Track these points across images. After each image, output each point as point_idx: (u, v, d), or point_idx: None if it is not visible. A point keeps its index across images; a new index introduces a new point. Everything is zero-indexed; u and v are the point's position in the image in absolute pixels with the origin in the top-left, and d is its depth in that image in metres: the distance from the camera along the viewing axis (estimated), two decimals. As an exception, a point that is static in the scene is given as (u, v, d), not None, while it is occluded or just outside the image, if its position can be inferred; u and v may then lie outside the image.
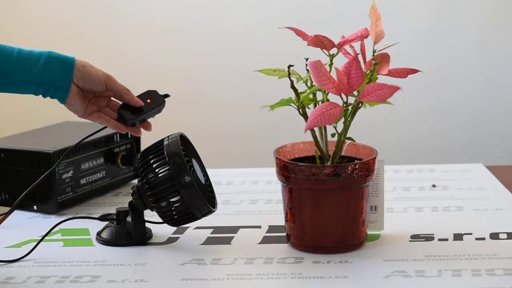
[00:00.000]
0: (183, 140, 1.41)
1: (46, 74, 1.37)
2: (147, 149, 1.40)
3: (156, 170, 1.36)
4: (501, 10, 2.96)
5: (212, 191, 1.44)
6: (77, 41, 2.96)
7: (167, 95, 1.48)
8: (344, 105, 1.31)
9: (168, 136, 1.39)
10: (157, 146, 1.38)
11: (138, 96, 1.46)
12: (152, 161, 1.37)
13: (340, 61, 1.33)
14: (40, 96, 1.40)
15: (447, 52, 2.98)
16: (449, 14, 2.97)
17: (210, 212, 1.38)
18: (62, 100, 1.40)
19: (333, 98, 1.32)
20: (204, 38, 2.99)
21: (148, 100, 1.46)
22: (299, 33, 1.35)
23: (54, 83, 1.38)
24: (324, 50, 1.34)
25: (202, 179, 1.42)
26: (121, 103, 1.46)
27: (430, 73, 2.90)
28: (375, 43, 1.32)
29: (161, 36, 2.99)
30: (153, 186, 1.36)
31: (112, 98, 1.47)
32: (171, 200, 1.36)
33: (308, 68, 1.32)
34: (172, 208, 1.37)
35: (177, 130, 1.42)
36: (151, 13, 2.98)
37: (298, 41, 1.36)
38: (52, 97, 1.40)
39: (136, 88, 1.47)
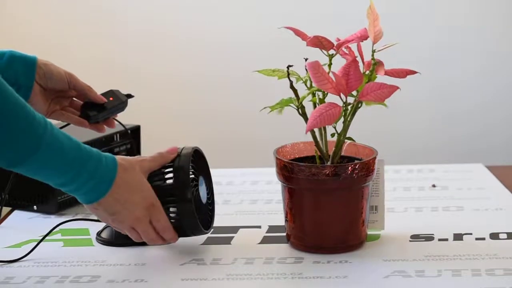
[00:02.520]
0: (197, 155, 1.40)
1: (9, 73, 1.38)
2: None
3: (162, 177, 1.35)
4: (499, 7, 2.96)
5: (211, 211, 1.43)
6: (74, 52, 2.97)
7: (130, 95, 1.50)
8: (344, 105, 1.31)
9: (183, 147, 1.38)
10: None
11: (101, 95, 1.47)
12: (168, 167, 1.36)
13: (340, 61, 1.33)
14: None
15: (448, 52, 2.98)
16: (449, 12, 2.97)
17: (202, 233, 1.37)
18: (25, 99, 1.40)
19: (333, 98, 1.32)
20: (204, 39, 2.99)
21: (111, 98, 1.48)
22: (298, 33, 1.35)
23: (17, 81, 1.38)
24: (323, 50, 1.34)
25: (204, 198, 1.40)
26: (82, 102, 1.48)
27: (430, 73, 2.90)
28: (374, 43, 1.32)
29: (160, 39, 2.99)
30: (154, 192, 1.36)
31: (75, 99, 1.48)
32: (170, 210, 1.34)
33: (306, 68, 1.32)
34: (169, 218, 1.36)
35: (177, 131, 1.42)
36: (149, 19, 2.98)
37: (297, 43, 1.36)
38: None
39: (140, 80, 1.48)
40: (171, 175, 1.34)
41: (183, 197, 1.33)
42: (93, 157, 1.24)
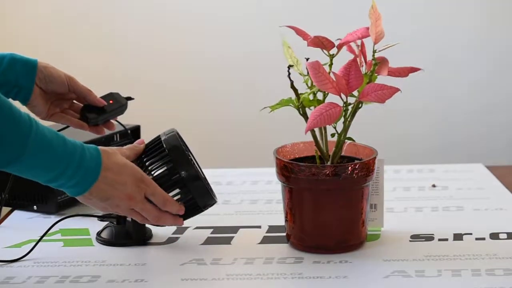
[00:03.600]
0: (178, 136, 1.40)
1: (9, 75, 1.38)
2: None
3: (157, 165, 1.35)
4: (499, 7, 2.96)
5: (208, 184, 1.43)
6: (78, 36, 2.97)
7: (130, 98, 1.50)
8: (344, 106, 1.31)
9: (163, 132, 1.38)
10: (154, 143, 1.37)
11: (101, 97, 1.47)
12: (152, 158, 1.36)
13: (340, 60, 1.33)
14: None
15: (447, 51, 2.98)
16: (447, 11, 2.97)
17: (212, 202, 1.37)
18: (25, 101, 1.41)
19: (333, 98, 1.32)
20: (204, 39, 2.99)
21: (111, 101, 1.49)
22: (299, 32, 1.35)
23: (17, 83, 1.39)
24: (324, 50, 1.34)
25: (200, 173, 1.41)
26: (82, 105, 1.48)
27: (430, 73, 2.90)
28: (375, 43, 1.32)
29: (160, 39, 2.99)
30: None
31: (75, 101, 1.48)
32: (174, 194, 1.34)
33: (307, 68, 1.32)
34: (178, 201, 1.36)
35: (179, 131, 1.42)
36: (151, 2, 2.98)
37: (298, 39, 1.35)
38: (14, 99, 1.40)
39: (139, 81, 1.48)
40: (166, 159, 1.34)
41: (190, 173, 1.33)
42: (77, 148, 1.25)
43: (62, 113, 1.47)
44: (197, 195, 1.34)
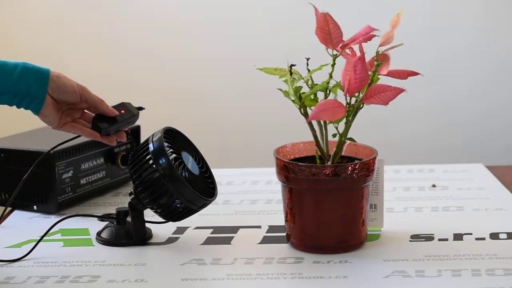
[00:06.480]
0: (170, 133, 1.40)
1: (22, 84, 1.37)
2: (135, 151, 1.40)
3: (145, 172, 1.36)
4: (500, 8, 2.96)
5: (209, 177, 1.43)
6: (77, 37, 2.97)
7: (141, 108, 1.50)
8: (347, 105, 1.31)
9: (152, 135, 1.38)
10: (143, 147, 1.38)
11: (113, 107, 1.47)
12: (140, 163, 1.36)
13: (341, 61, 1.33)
14: (14, 107, 1.40)
15: (447, 51, 2.98)
16: (448, 12, 2.97)
17: (207, 202, 1.38)
18: (37, 111, 1.40)
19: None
20: (203, 38, 2.99)
21: (122, 111, 1.48)
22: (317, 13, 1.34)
23: (30, 93, 1.38)
24: (328, 48, 1.33)
25: (196, 170, 1.41)
26: (94, 115, 1.47)
27: (430, 73, 2.89)
28: (381, 45, 1.32)
29: (161, 32, 2.98)
30: (145, 188, 1.36)
31: (86, 111, 1.47)
32: (168, 196, 1.35)
33: (308, 68, 1.32)
34: (172, 205, 1.36)
35: (178, 129, 1.42)
36: (151, 7, 2.98)
37: (298, 36, 1.35)
38: (26, 108, 1.39)
39: (137, 84, 1.48)
40: (150, 168, 1.35)
41: (173, 178, 1.33)
42: None
43: (74, 122, 1.46)
44: (183, 199, 1.35)
